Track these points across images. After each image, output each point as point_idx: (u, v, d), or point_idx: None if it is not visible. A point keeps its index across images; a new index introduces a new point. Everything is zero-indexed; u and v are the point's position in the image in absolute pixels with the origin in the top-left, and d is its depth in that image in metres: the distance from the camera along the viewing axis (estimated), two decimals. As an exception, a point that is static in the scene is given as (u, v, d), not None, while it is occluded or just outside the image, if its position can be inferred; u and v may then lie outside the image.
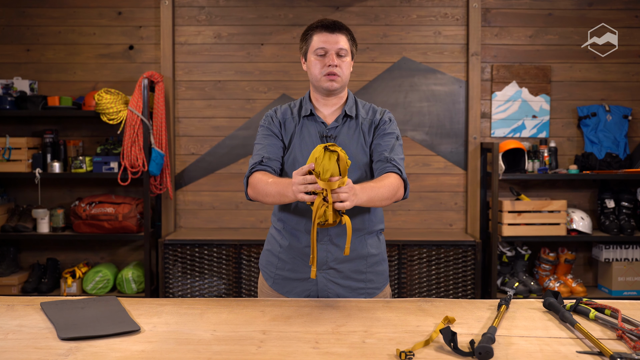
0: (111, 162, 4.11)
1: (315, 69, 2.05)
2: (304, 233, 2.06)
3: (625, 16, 4.29)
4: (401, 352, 1.42)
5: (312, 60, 2.06)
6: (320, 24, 2.05)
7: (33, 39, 4.34)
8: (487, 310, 1.82)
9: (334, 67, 2.02)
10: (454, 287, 3.99)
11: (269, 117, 2.15)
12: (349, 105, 2.11)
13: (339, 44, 2.03)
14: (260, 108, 4.30)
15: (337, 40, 2.03)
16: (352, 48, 2.09)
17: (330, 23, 2.04)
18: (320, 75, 2.04)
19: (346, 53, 2.04)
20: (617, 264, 4.14)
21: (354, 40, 2.11)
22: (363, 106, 2.16)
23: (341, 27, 2.06)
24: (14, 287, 4.12)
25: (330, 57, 2.02)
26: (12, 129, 4.30)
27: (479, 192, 4.28)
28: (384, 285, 2.15)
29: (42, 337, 1.57)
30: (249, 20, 4.30)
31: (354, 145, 2.07)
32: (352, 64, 2.10)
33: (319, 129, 2.09)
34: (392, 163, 2.03)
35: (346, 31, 2.06)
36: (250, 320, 1.71)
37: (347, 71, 2.06)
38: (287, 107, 2.16)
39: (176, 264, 4.01)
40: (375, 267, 2.12)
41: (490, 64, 4.30)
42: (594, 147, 4.25)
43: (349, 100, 2.13)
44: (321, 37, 2.03)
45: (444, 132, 4.30)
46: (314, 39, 2.05)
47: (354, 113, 2.11)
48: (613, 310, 1.71)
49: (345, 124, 2.10)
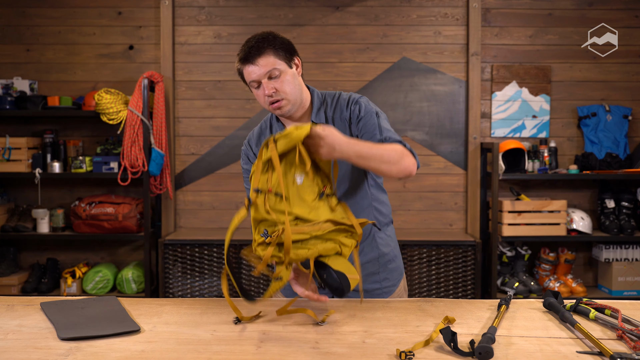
0: (111, 162, 4.11)
1: (260, 101, 1.89)
2: None
3: (625, 16, 4.29)
4: (401, 352, 1.41)
5: (254, 93, 1.90)
6: (240, 57, 1.85)
7: (33, 39, 4.34)
8: (487, 310, 1.82)
9: (273, 94, 1.84)
10: (454, 287, 3.99)
11: (245, 155, 2.03)
12: (314, 113, 1.94)
13: (265, 68, 1.82)
14: (260, 108, 4.30)
15: (260, 66, 1.82)
16: (284, 58, 1.85)
17: (247, 54, 1.83)
18: (267, 105, 1.88)
19: (279, 72, 1.83)
20: (617, 264, 4.14)
21: (283, 48, 1.86)
22: (331, 103, 1.96)
23: (259, 49, 1.83)
24: (14, 287, 4.12)
25: (265, 86, 1.84)
26: (12, 129, 4.30)
27: (479, 192, 4.28)
28: (399, 280, 2.08)
29: (42, 337, 1.57)
30: (249, 20, 4.30)
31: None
32: (295, 70, 1.89)
33: None
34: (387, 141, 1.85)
35: (267, 48, 1.83)
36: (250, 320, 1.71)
37: (289, 88, 1.85)
38: (259, 131, 2.03)
39: (176, 264, 4.01)
40: (388, 264, 2.05)
41: (490, 64, 4.30)
42: (594, 147, 4.25)
43: (314, 107, 1.95)
44: (247, 70, 1.85)
45: (444, 132, 4.30)
46: (244, 73, 1.87)
47: (324, 119, 1.94)
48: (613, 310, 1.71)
49: None
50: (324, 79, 4.29)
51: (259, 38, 1.85)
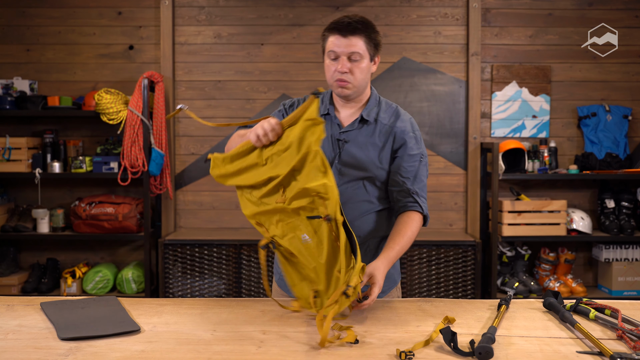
0: (111, 162, 4.11)
1: (328, 72, 1.96)
2: None
3: (625, 16, 4.29)
4: (401, 352, 1.42)
5: (326, 62, 1.96)
6: (334, 25, 1.92)
7: (33, 39, 4.34)
8: (487, 310, 1.82)
9: (344, 73, 1.90)
10: (454, 287, 3.99)
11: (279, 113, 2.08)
12: (367, 109, 2.00)
13: (352, 48, 1.89)
14: (260, 108, 4.30)
15: (349, 43, 1.89)
16: (371, 50, 1.93)
17: (344, 25, 1.90)
18: (332, 80, 1.94)
19: (360, 57, 1.90)
20: (617, 264, 4.14)
21: (374, 41, 1.94)
22: (386, 109, 2.03)
23: (356, 29, 1.89)
24: (14, 287, 4.12)
25: (341, 62, 1.90)
26: (12, 129, 4.30)
27: (479, 192, 4.28)
28: (390, 288, 2.09)
29: (42, 337, 1.57)
30: (249, 20, 4.30)
31: (365, 153, 1.96)
32: (372, 66, 1.96)
33: (333, 131, 1.99)
34: (414, 197, 1.94)
35: (363, 33, 1.90)
36: (250, 320, 1.71)
37: (360, 76, 1.92)
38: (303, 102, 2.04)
39: (176, 264, 4.01)
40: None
41: (490, 64, 4.30)
42: (594, 147, 4.25)
43: (369, 103, 2.01)
44: (334, 40, 1.91)
45: (444, 132, 4.30)
46: (328, 40, 1.94)
47: (373, 118, 1.99)
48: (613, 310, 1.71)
49: (362, 129, 1.99)
50: (324, 78, 4.26)
51: (360, 19, 1.92)
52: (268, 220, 1.76)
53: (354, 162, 1.96)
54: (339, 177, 1.96)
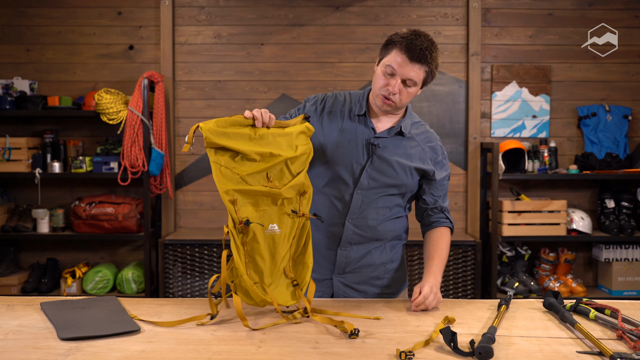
0: (111, 162, 4.11)
1: (377, 83, 1.91)
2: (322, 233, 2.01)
3: (625, 16, 4.29)
4: (401, 352, 1.42)
5: (378, 72, 1.91)
6: (406, 44, 1.84)
7: (33, 39, 4.34)
8: (487, 310, 1.82)
9: (394, 94, 1.88)
10: (454, 287, 3.99)
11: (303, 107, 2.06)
12: (405, 123, 2.00)
13: (411, 75, 1.86)
14: (260, 108, 4.29)
15: (412, 69, 1.85)
16: (425, 82, 1.92)
17: (416, 50, 1.83)
18: (378, 92, 1.91)
19: (413, 84, 1.88)
20: (617, 264, 4.14)
21: (432, 74, 1.91)
22: (417, 127, 2.05)
23: (424, 58, 1.85)
24: (14, 287, 4.12)
25: (395, 83, 1.87)
26: (12, 129, 4.30)
27: (479, 192, 4.28)
28: (399, 290, 2.14)
29: (42, 337, 1.57)
30: (249, 20, 4.30)
31: (398, 162, 1.98)
32: (418, 92, 1.94)
33: (366, 134, 1.98)
34: (445, 214, 2.09)
35: (428, 64, 1.87)
36: (250, 320, 1.71)
37: (407, 100, 1.92)
38: (338, 99, 2.03)
39: (176, 264, 4.01)
40: (393, 272, 2.12)
41: (490, 64, 4.30)
42: (594, 147, 4.25)
43: (406, 117, 2.01)
44: (398, 57, 1.85)
45: (444, 132, 4.30)
46: (392, 53, 1.87)
47: (408, 131, 2.01)
48: (613, 310, 1.71)
49: (395, 139, 1.99)
50: (324, 78, 4.29)
51: (429, 45, 1.87)
52: (242, 200, 1.73)
53: (387, 169, 1.98)
54: (369, 181, 1.97)
